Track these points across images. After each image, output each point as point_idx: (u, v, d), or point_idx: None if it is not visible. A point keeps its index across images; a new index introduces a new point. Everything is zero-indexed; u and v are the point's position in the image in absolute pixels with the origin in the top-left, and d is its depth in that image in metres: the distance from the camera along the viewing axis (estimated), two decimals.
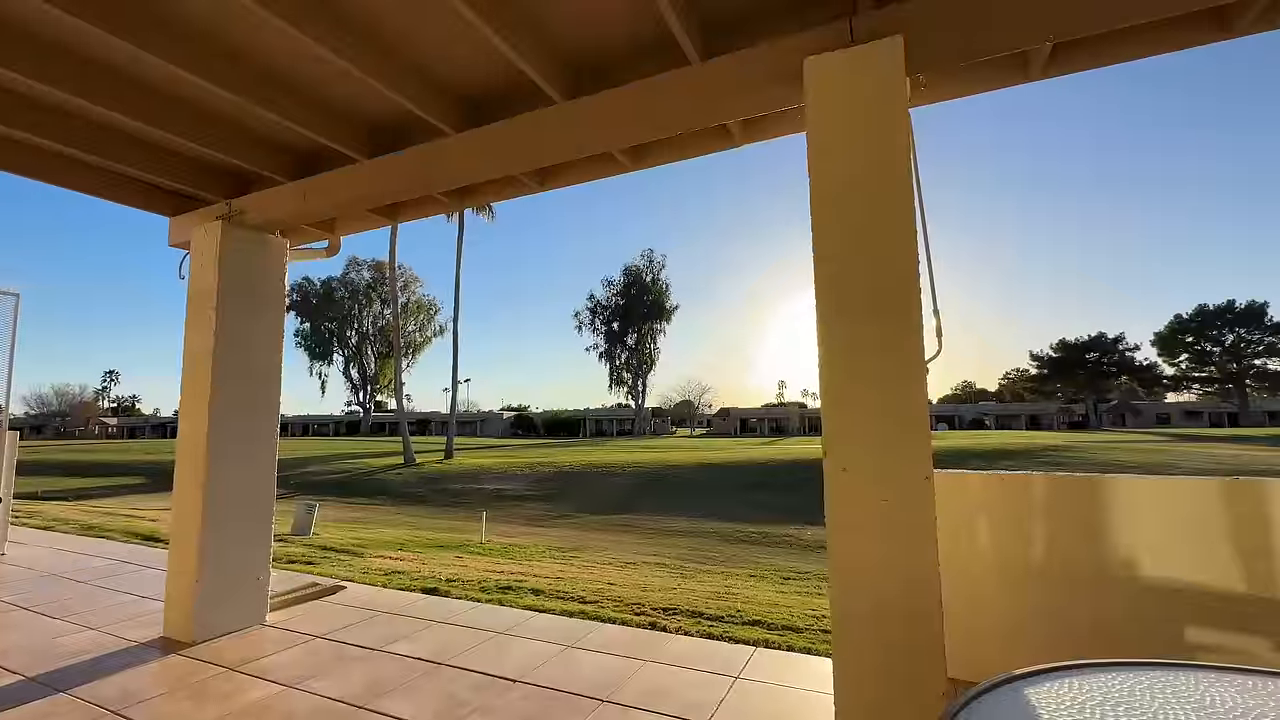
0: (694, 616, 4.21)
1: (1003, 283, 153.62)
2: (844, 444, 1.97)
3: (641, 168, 3.44)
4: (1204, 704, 0.98)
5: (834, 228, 2.05)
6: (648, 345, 71.14)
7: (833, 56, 2.14)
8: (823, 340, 2.02)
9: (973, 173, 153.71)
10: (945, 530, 2.83)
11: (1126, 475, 2.66)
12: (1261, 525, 2.40)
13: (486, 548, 10.86)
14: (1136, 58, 2.45)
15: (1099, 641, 2.58)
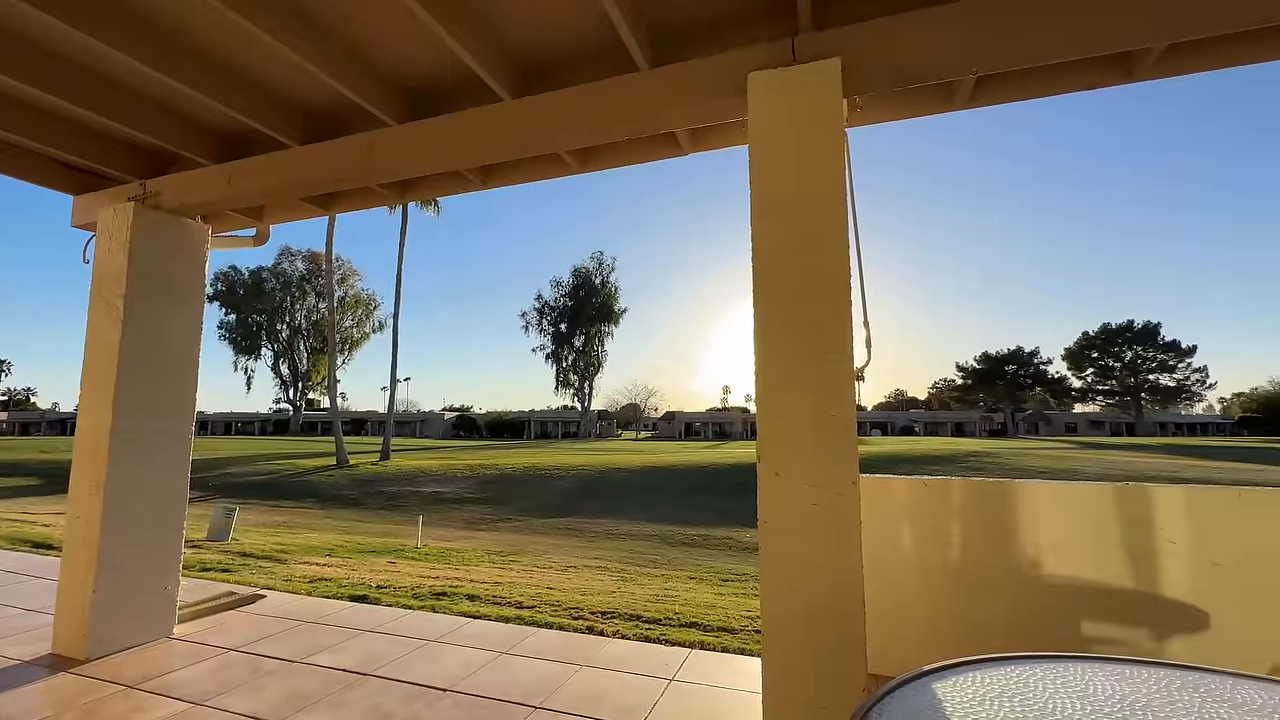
0: (632, 620, 4.23)
1: (936, 295, 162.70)
2: (777, 449, 2.03)
3: (589, 170, 3.44)
4: (1088, 692, 1.07)
5: (772, 240, 2.11)
6: (595, 347, 70.96)
7: (775, 73, 2.21)
8: (759, 348, 2.08)
9: (909, 188, 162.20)
10: (872, 533, 2.96)
11: (1033, 480, 2.86)
12: (1147, 527, 2.64)
13: (422, 552, 10.52)
14: (1051, 94, 2.66)
15: (1009, 637, 2.76)
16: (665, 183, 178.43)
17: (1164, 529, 2.61)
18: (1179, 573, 2.57)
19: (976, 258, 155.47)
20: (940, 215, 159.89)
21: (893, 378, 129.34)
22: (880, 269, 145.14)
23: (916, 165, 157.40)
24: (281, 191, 3.53)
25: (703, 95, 2.41)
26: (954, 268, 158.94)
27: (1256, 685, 1.11)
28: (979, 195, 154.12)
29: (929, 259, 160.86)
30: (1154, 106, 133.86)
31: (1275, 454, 32.42)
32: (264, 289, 65.56)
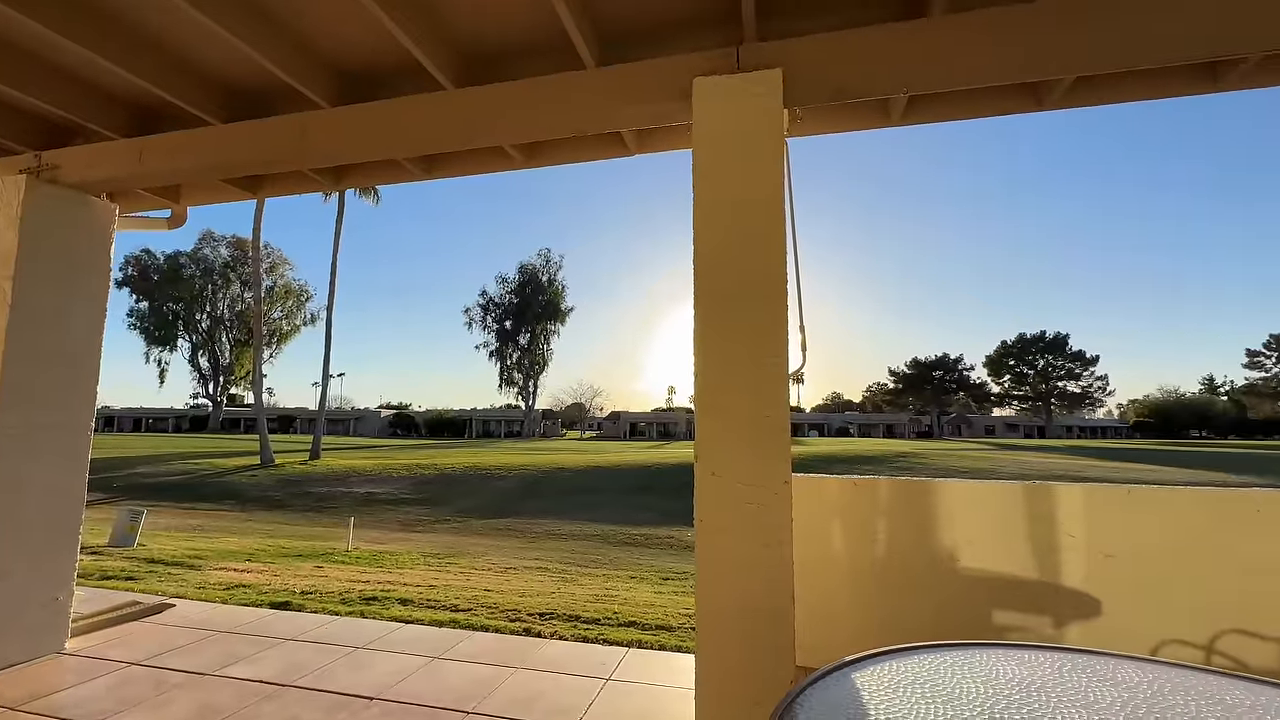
0: (571, 620, 4.20)
1: (878, 302, 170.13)
2: (715, 449, 2.06)
3: (535, 165, 3.39)
4: (991, 676, 1.14)
5: (713, 244, 2.15)
6: (541, 346, 70.09)
7: (720, 80, 2.25)
8: (699, 350, 2.12)
9: (858, 198, 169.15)
10: (804, 531, 3.06)
11: (952, 480, 3.04)
12: (1050, 523, 2.85)
13: (353, 556, 10.07)
14: (973, 117, 2.83)
15: (930, 627, 2.92)
16: (615, 181, 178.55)
17: (1065, 524, 2.83)
18: (1076, 564, 2.79)
19: (917, 267, 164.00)
20: (885, 225, 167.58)
21: (831, 381, 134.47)
22: (825, 275, 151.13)
23: (864, 176, 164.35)
24: (200, 171, 3.30)
25: (649, 97, 2.43)
26: (896, 276, 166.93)
27: (1135, 665, 1.21)
28: (922, 206, 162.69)
29: (873, 266, 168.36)
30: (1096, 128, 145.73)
31: (1163, 455, 35.79)
32: (182, 275, 60.95)
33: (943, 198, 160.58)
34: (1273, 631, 2.60)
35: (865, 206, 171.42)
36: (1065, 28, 2.10)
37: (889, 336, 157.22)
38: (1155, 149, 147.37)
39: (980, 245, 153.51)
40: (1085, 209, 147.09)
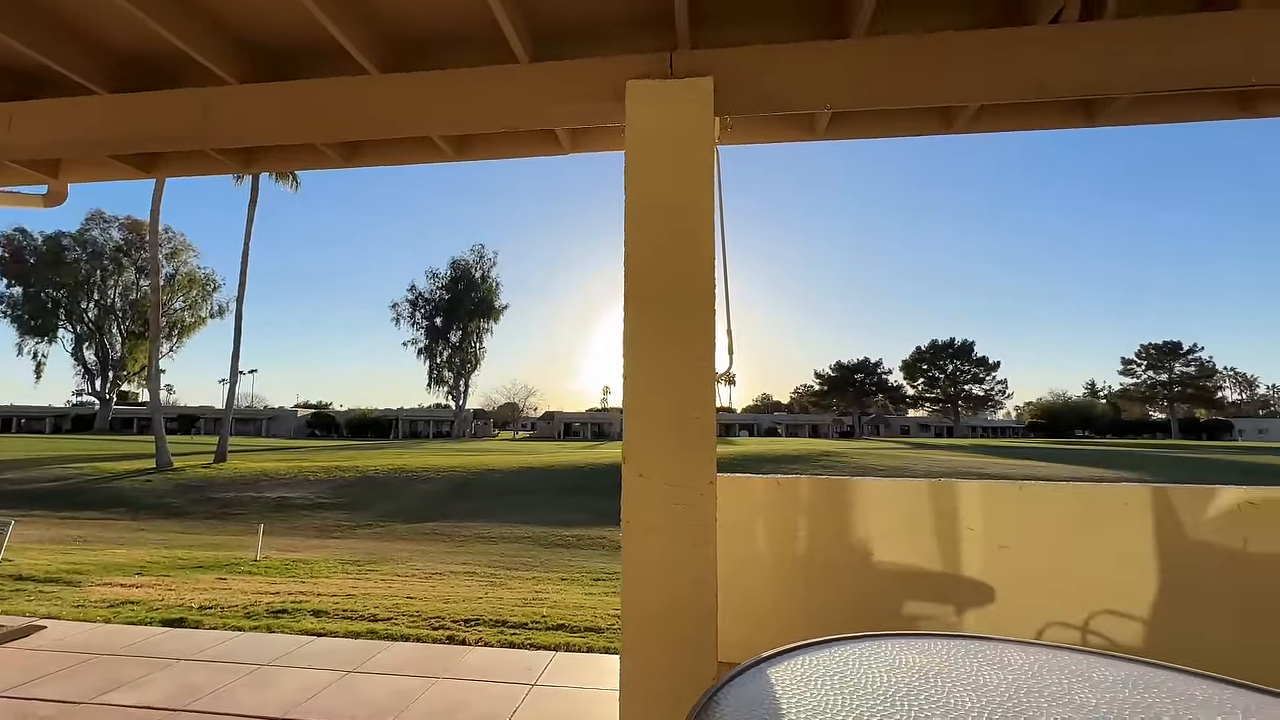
0: (497, 626, 4.11)
1: (810, 307, 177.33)
2: (642, 450, 2.07)
3: (466, 159, 3.29)
4: (894, 665, 1.20)
5: (643, 246, 2.16)
6: (473, 344, 68.21)
7: (653, 84, 2.26)
8: (628, 352, 2.12)
9: (788, 207, 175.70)
10: (730, 529, 3.13)
11: (867, 478, 3.20)
12: (953, 518, 3.06)
13: (261, 566, 9.41)
14: (889, 136, 3.00)
15: (848, 619, 3.06)
16: (551, 178, 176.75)
17: (966, 519, 3.05)
18: (975, 555, 3.02)
19: (850, 273, 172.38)
20: (822, 232, 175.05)
21: (762, 383, 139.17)
22: (757, 281, 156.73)
23: (805, 185, 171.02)
24: (83, 145, 2.97)
25: (582, 96, 2.41)
26: (829, 282, 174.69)
27: (1020, 648, 1.32)
28: (859, 216, 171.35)
29: (803, 273, 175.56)
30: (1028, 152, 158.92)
31: (1052, 453, 39.37)
32: (64, 259, 54.79)
33: (871, 209, 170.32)
34: (1137, 612, 2.91)
35: (800, 215, 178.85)
36: (965, 61, 2.27)
37: (817, 340, 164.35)
38: (1049, 174, 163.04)
39: (901, 255, 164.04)
40: (991, 226, 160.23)
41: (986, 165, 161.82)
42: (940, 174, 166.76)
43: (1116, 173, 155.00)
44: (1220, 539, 2.91)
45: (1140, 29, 2.20)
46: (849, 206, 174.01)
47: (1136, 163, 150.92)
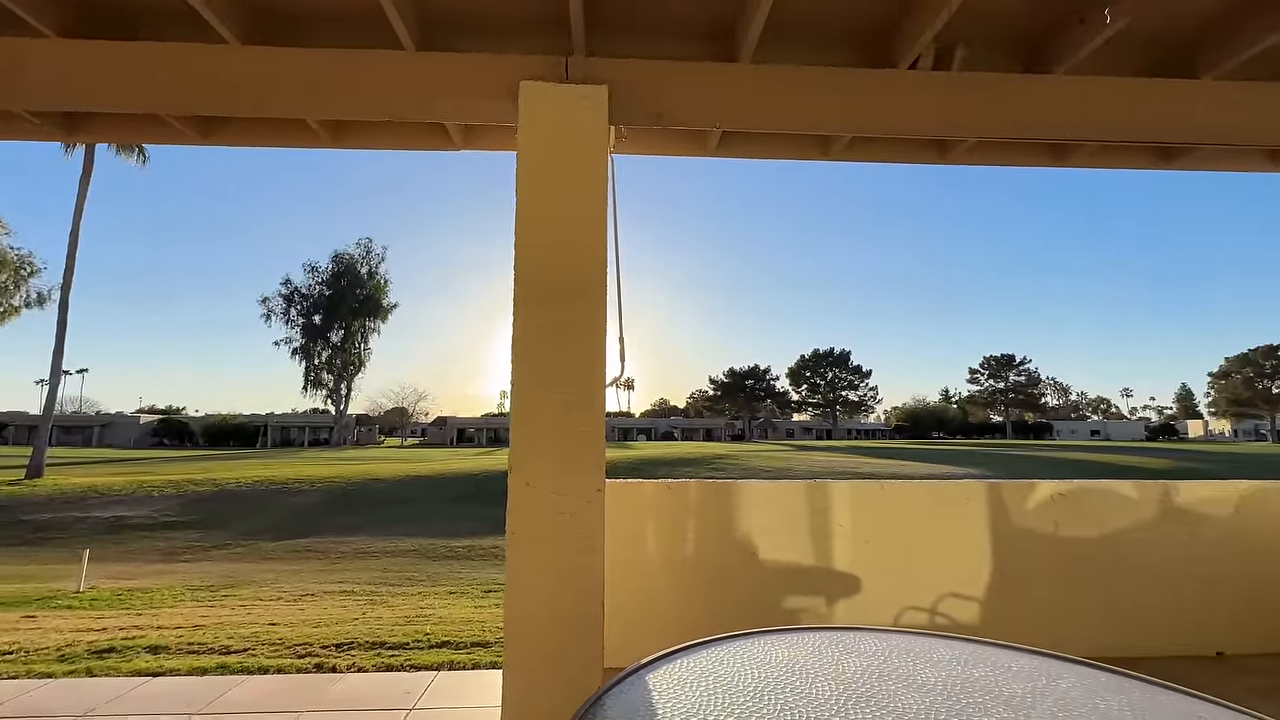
0: (374, 648, 3.83)
1: (701, 313, 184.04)
2: (529, 459, 2.03)
3: (345, 147, 3.06)
4: (764, 661, 1.26)
5: (533, 249, 2.13)
6: (357, 344, 63.46)
7: (548, 87, 2.24)
8: (516, 358, 2.07)
9: (712, 216, 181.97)
10: (622, 534, 3.15)
11: (751, 480, 3.37)
12: (826, 515, 3.30)
13: (85, 598, 8.09)
14: (773, 158, 3.19)
15: (735, 617, 3.18)
16: (450, 173, 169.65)
17: (837, 516, 3.30)
18: (844, 550, 3.27)
19: (738, 283, 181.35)
20: (730, 243, 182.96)
21: (660, 388, 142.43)
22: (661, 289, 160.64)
23: (704, 193, 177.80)
24: None
25: (474, 92, 2.33)
26: (718, 290, 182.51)
27: (875, 635, 1.43)
28: (765, 228, 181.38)
29: (703, 281, 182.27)
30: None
31: (913, 452, 43.83)
32: None
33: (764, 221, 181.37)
34: (974, 592, 3.30)
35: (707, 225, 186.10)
36: (837, 94, 2.48)
37: (711, 345, 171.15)
38: (922, 203, 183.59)
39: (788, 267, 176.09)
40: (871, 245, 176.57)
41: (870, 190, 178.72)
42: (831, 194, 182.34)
43: (970, 208, 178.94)
44: (1038, 525, 3.39)
45: (978, 83, 2.52)
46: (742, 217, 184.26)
47: (988, 198, 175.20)
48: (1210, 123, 2.60)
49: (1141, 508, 3.42)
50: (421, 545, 14.34)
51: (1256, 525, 3.44)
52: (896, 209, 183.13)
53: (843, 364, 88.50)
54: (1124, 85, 2.58)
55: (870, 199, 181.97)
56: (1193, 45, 2.60)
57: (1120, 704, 1.09)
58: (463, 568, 12.21)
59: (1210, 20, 2.50)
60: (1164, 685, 1.17)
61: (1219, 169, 3.42)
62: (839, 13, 2.41)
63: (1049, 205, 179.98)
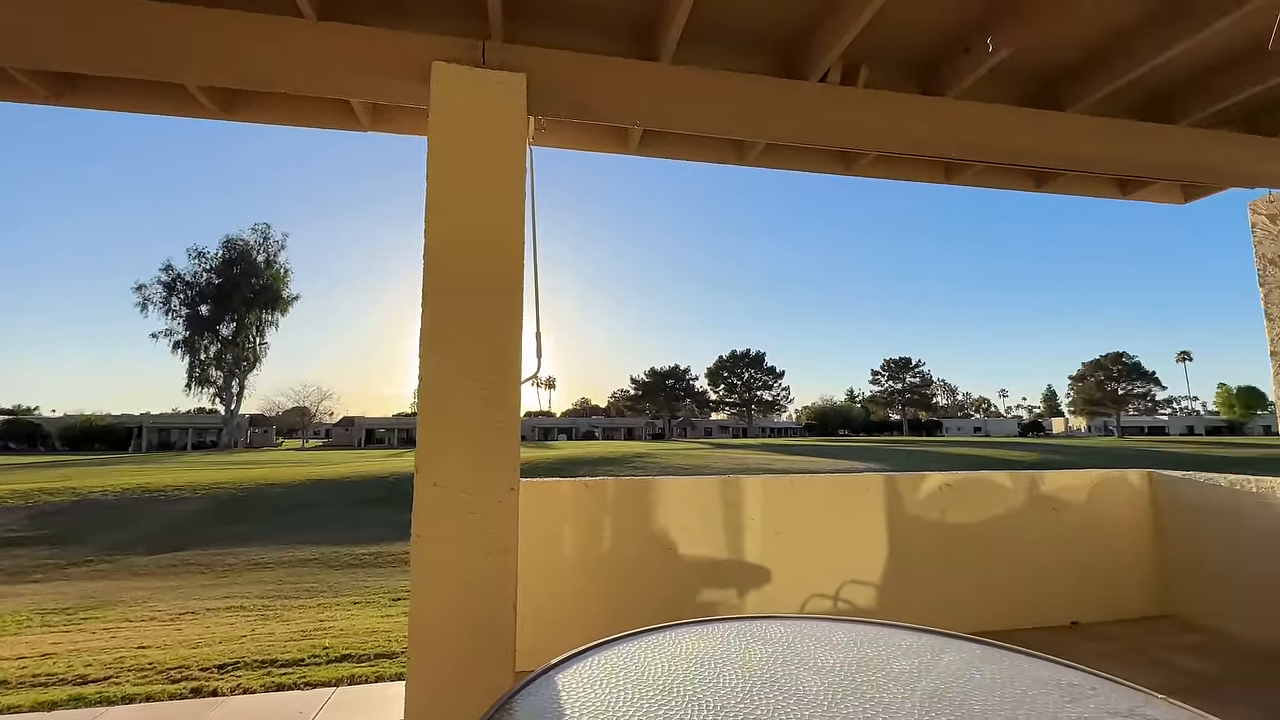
0: (263, 667, 3.52)
1: (622, 314, 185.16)
2: (438, 459, 1.94)
3: (233, 118, 2.79)
4: (675, 654, 1.27)
5: (444, 239, 2.03)
6: (251, 338, 58.42)
7: (463, 70, 2.15)
8: (425, 353, 1.97)
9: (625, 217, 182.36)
10: (538, 534, 3.09)
11: (667, 477, 3.41)
12: (738, 509, 3.40)
13: None
14: (696, 160, 3.25)
15: (652, 612, 3.21)
16: (365, 157, 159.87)
17: (749, 510, 3.41)
18: (755, 542, 3.39)
19: (665, 284, 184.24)
20: (654, 244, 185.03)
21: (582, 387, 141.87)
22: (586, 288, 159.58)
23: (647, 197, 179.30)
24: None
25: (381, 70, 2.19)
26: (652, 293, 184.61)
27: (781, 623, 1.48)
28: (688, 230, 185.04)
29: (636, 281, 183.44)
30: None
31: (821, 448, 46.38)
32: None
33: (693, 224, 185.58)
34: (872, 578, 3.53)
35: (633, 224, 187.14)
36: (752, 101, 2.56)
37: (633, 346, 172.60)
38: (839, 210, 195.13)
39: (712, 269, 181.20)
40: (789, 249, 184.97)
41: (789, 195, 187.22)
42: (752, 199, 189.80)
43: (878, 216, 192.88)
44: (928, 513, 3.67)
45: (880, 100, 2.69)
46: (666, 218, 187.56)
47: (893, 204, 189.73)
48: (1073, 152, 2.92)
49: (1013, 495, 3.80)
50: (323, 553, 13.42)
51: (1106, 509, 3.92)
52: (812, 215, 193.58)
53: (758, 365, 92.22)
54: (1004, 113, 2.85)
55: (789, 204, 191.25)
56: (1059, 82, 2.91)
57: (993, 673, 1.19)
58: (369, 575, 11.54)
59: (1072, 62, 2.81)
60: (1029, 654, 1.29)
61: (1081, 194, 3.85)
62: (756, 22, 2.48)
63: (942, 216, 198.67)
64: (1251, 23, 2.38)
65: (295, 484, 21.51)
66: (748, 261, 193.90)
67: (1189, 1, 2.36)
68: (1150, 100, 3.08)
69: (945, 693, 1.07)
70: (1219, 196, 3.80)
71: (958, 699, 1.05)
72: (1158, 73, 2.81)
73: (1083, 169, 3.05)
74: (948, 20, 2.47)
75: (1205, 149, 3.05)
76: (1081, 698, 1.05)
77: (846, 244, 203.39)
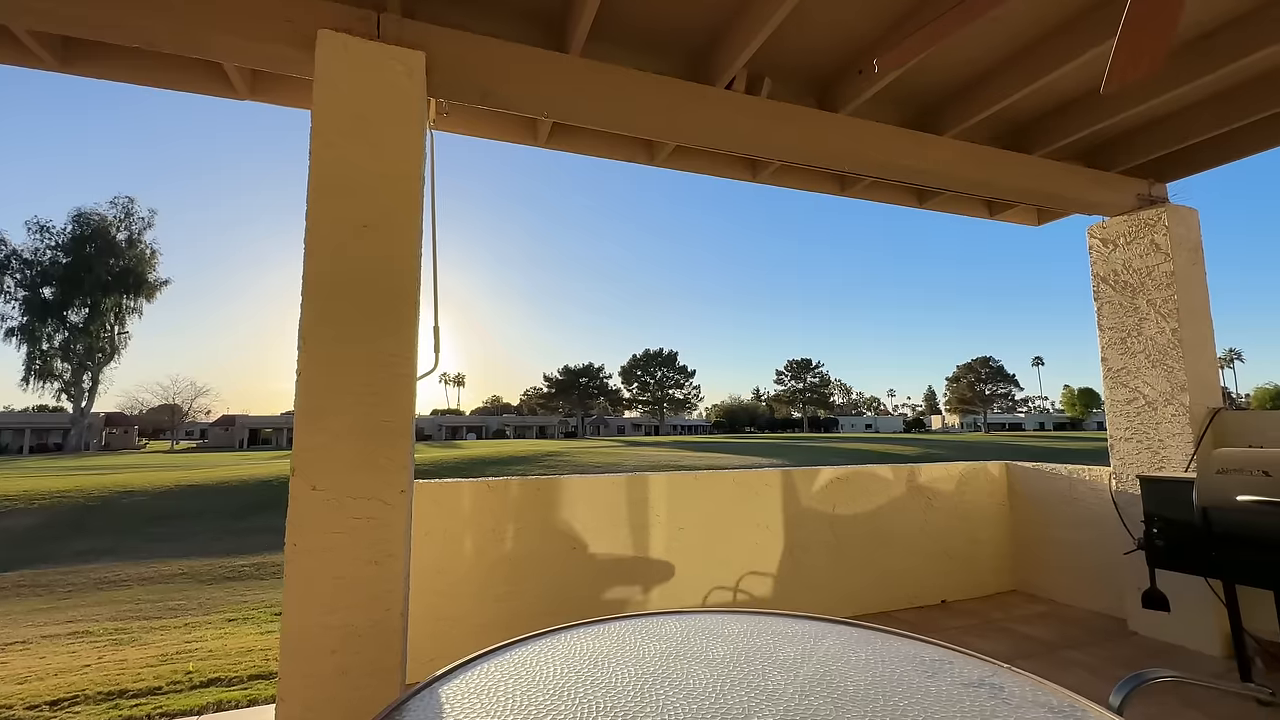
0: (110, 699, 3.10)
1: (536, 312, 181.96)
2: (317, 460, 1.78)
3: (77, 73, 2.43)
4: (568, 656, 1.25)
5: (328, 223, 1.88)
6: (109, 326, 51.54)
7: (354, 41, 1.99)
8: (304, 343, 1.81)
9: (559, 215, 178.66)
10: (437, 537, 2.96)
11: (573, 475, 3.38)
12: (644, 506, 3.43)
13: None
14: (607, 157, 3.24)
15: (558, 613, 3.15)
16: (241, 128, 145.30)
17: (654, 507, 3.45)
18: (660, 538, 3.44)
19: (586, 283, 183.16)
20: (576, 243, 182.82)
21: (495, 385, 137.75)
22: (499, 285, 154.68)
23: (564, 195, 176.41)
24: None
25: (256, 33, 1.98)
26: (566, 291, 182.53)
27: (676, 618, 1.50)
28: (610, 232, 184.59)
29: (549, 280, 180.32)
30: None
31: (729, 445, 48.18)
32: None
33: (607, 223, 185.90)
34: (769, 569, 3.69)
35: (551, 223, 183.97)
36: (660, 101, 2.59)
37: (548, 345, 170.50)
38: (764, 219, 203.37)
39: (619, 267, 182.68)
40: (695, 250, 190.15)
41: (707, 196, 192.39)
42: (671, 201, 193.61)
43: (781, 222, 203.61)
44: (820, 505, 3.89)
45: (782, 111, 2.82)
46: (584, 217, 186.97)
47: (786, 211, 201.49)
48: (949, 173, 3.20)
49: (894, 487, 4.12)
50: (193, 567, 12.10)
51: (972, 498, 4.35)
52: (722, 218, 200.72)
53: (671, 364, 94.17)
54: (892, 133, 3.07)
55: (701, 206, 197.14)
56: (937, 108, 3.19)
57: (868, 654, 1.26)
58: (249, 589, 10.55)
59: (947, 91, 3.09)
60: (899, 633, 1.39)
61: (956, 213, 4.25)
62: (665, 24, 2.51)
63: (838, 221, 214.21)
64: (1088, 71, 2.73)
65: (160, 491, 19.24)
66: (663, 262, 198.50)
67: (1036, 48, 2.66)
68: (1012, 131, 3.45)
69: (824, 676, 1.13)
70: (1066, 221, 4.33)
71: (835, 681, 1.11)
72: (1015, 107, 3.15)
73: (957, 189, 3.36)
74: (840, 42, 2.63)
75: (1055, 178, 3.46)
76: (940, 671, 1.15)
77: (755, 247, 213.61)
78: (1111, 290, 3.83)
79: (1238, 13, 2.50)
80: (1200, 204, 3.74)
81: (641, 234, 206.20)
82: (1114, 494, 3.67)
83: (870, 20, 2.48)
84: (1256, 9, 2.46)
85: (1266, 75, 2.87)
